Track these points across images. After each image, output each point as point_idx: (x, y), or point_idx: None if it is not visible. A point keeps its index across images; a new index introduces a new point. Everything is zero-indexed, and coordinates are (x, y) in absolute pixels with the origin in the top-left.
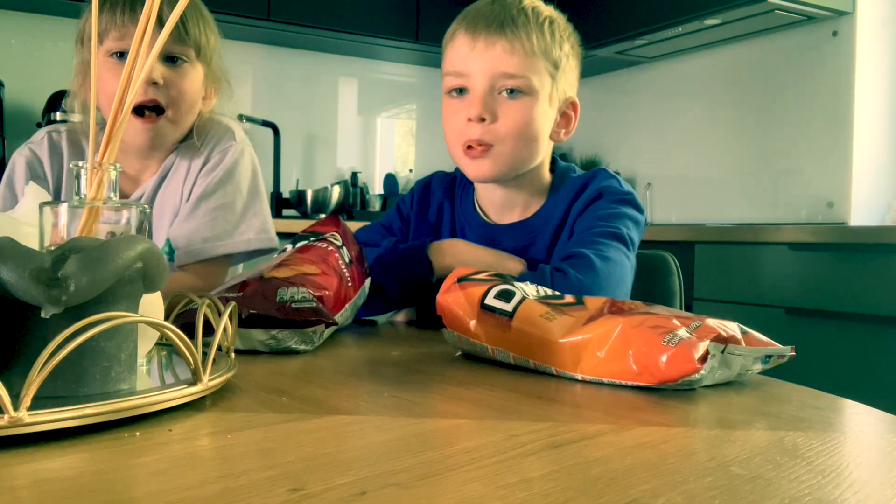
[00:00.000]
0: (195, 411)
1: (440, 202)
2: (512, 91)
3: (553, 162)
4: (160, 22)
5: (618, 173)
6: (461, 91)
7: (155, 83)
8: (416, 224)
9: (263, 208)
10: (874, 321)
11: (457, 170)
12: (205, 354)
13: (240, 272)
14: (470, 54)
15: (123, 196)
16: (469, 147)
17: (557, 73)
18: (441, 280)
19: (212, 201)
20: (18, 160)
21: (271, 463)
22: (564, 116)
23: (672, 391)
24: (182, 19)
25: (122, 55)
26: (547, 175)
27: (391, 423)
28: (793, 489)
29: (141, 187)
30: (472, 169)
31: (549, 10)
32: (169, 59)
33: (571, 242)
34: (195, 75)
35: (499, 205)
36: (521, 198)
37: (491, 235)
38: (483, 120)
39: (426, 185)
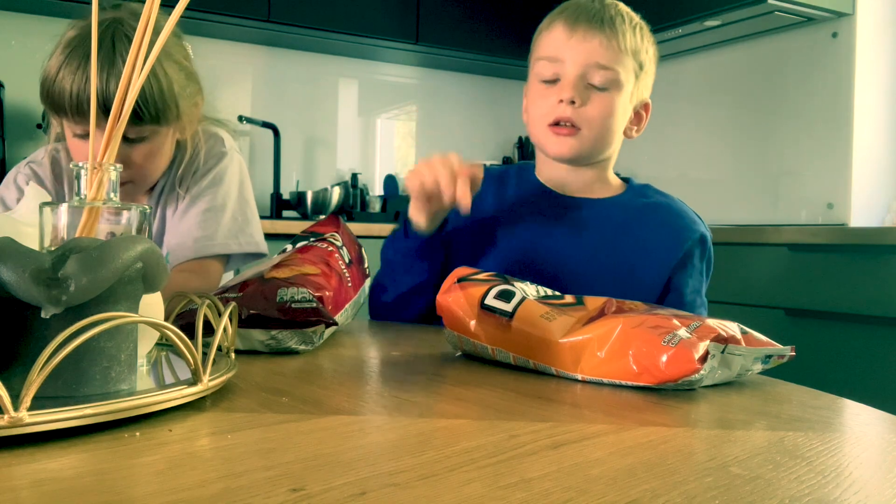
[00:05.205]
0: (195, 411)
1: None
2: (601, 83)
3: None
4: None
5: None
6: (553, 82)
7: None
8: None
9: (253, 216)
10: (874, 322)
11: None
12: (205, 355)
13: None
14: (567, 42)
15: None
16: (556, 124)
17: (641, 73)
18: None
19: (201, 203)
20: (20, 178)
21: (271, 463)
22: (637, 115)
23: (672, 391)
24: (137, 104)
25: (86, 134)
26: (612, 174)
27: (391, 423)
28: (793, 489)
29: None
30: (557, 145)
31: (638, 18)
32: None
33: (687, 299)
34: (163, 142)
35: (561, 185)
36: (581, 185)
37: (562, 204)
38: (573, 103)
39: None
